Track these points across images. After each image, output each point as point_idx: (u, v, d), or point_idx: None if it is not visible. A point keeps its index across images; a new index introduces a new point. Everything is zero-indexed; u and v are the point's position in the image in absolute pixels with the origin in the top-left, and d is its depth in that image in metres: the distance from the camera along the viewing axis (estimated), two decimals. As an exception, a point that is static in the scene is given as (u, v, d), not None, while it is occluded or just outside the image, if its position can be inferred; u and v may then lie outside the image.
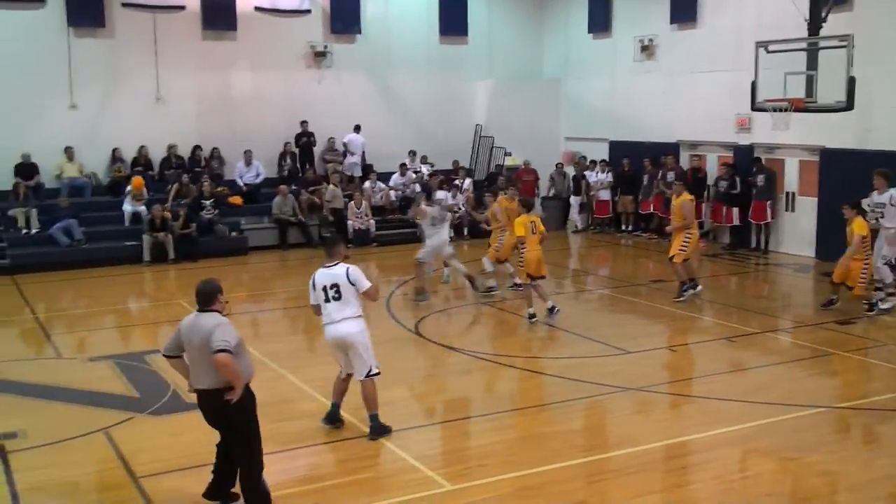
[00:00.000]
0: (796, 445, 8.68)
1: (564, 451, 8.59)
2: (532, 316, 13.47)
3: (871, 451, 8.72)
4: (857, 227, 13.32)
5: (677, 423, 9.56)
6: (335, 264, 8.71)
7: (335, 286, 8.60)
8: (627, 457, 8.45)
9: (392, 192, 22.86)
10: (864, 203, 14.13)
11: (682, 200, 14.87)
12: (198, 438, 8.02)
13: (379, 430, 8.84)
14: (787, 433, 8.99)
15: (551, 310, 13.68)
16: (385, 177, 23.11)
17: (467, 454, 8.72)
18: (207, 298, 7.03)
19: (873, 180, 14.18)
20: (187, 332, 7.02)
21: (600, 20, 24.43)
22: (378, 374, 8.83)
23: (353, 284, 8.60)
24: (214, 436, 7.27)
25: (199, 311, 7.04)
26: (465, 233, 22.10)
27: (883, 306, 13.86)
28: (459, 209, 21.26)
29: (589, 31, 24.90)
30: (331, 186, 21.33)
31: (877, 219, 13.99)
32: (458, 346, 12.46)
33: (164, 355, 7.34)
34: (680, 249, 14.72)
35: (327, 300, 8.63)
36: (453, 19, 25.15)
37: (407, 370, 11.26)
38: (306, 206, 21.54)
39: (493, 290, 15.59)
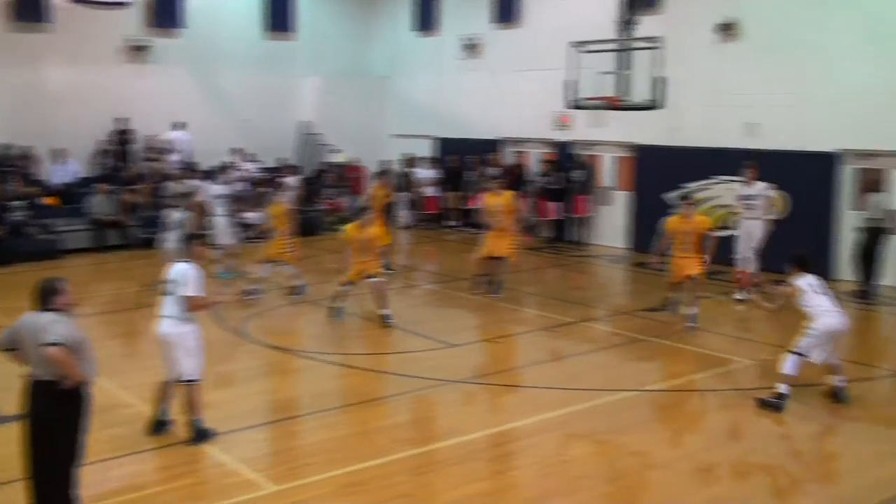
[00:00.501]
0: (610, 428, 9.11)
1: (391, 445, 8.66)
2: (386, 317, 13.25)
3: (678, 430, 9.25)
4: (702, 223, 13.11)
5: (500, 412, 9.82)
6: (184, 261, 8.66)
7: (173, 281, 8.54)
8: (453, 447, 8.62)
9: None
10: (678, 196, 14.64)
11: (506, 198, 15.18)
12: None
13: (201, 435, 8.65)
14: (602, 417, 9.41)
15: (339, 311, 13.62)
16: (210, 175, 22.50)
17: (293, 454, 8.66)
18: (44, 298, 6.77)
19: (746, 173, 14.62)
20: (22, 329, 6.74)
21: (426, 18, 24.64)
22: (194, 381, 8.61)
23: (183, 285, 8.48)
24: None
25: (40, 310, 6.76)
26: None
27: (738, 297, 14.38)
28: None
29: (414, 30, 25.11)
30: (170, 184, 20.61)
31: (746, 209, 14.45)
32: (284, 346, 12.33)
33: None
34: (512, 248, 14.98)
35: (163, 293, 8.57)
36: (279, 15, 24.68)
37: (230, 371, 11.05)
38: (123, 206, 20.68)
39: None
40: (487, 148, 22.58)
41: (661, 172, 18.61)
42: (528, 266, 16.83)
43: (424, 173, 23.64)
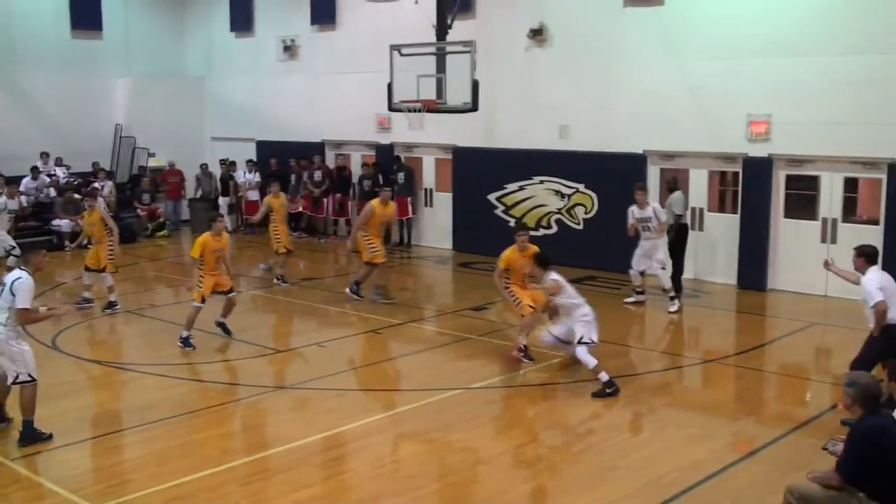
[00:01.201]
0: (438, 427, 9.31)
1: (217, 455, 8.52)
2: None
3: (501, 426, 9.54)
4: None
5: (330, 416, 9.81)
6: (18, 269, 8.63)
7: (2, 287, 8.54)
8: (283, 454, 8.58)
9: (24, 198, 21.13)
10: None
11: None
12: None
13: (30, 437, 8.60)
14: (430, 416, 9.61)
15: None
16: (15, 181, 21.26)
17: (113, 470, 8.34)
18: None
19: (635, 195, 14.49)
20: None
21: (242, 19, 24.30)
22: (28, 381, 8.62)
23: (12, 294, 8.44)
24: None
25: None
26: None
27: (672, 309, 14.36)
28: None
29: (231, 30, 24.68)
30: None
31: (642, 230, 14.56)
32: (102, 359, 11.87)
33: None
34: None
35: None
36: (85, 12, 23.72)
37: (45, 388, 10.38)
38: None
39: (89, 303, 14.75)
40: (310, 150, 22.45)
41: (479, 174, 19.10)
42: (354, 268, 16.86)
43: (246, 177, 23.23)
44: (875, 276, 9.14)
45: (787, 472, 7.80)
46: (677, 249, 15.09)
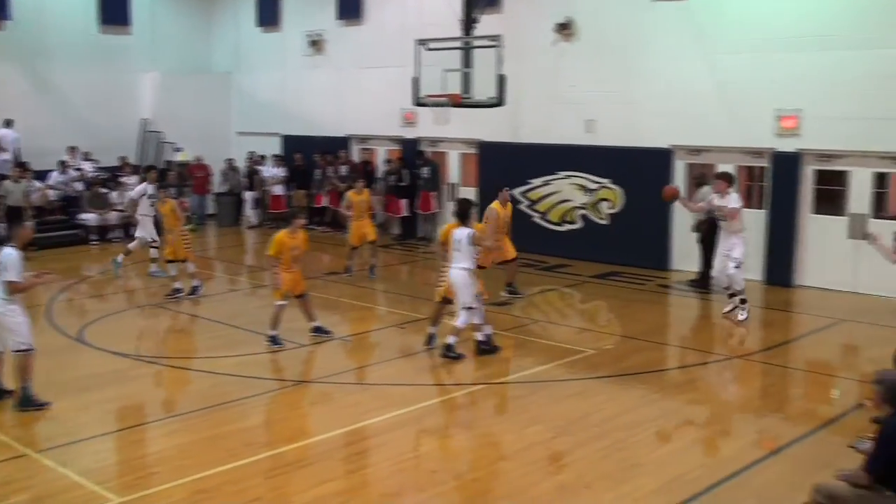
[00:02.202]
0: (460, 422, 9.29)
1: (240, 449, 8.53)
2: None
3: (523, 421, 9.46)
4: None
5: (352, 410, 9.79)
6: (9, 245, 9.32)
7: None
8: (304, 448, 8.59)
9: (51, 192, 21.32)
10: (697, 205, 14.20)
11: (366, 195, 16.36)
12: None
13: (27, 402, 9.32)
14: (452, 411, 9.59)
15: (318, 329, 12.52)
16: (43, 175, 21.48)
17: (138, 463, 8.40)
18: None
19: (716, 184, 13.61)
20: None
21: (269, 14, 24.37)
22: (26, 350, 9.32)
23: (5, 270, 9.13)
24: None
25: None
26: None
27: (741, 318, 13.27)
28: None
29: (258, 25, 24.75)
30: (6, 182, 19.65)
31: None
32: (127, 352, 11.92)
33: None
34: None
35: None
36: (114, 8, 23.88)
37: (72, 380, 10.60)
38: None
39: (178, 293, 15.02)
40: (335, 145, 22.49)
41: (504, 169, 19.02)
42: (378, 263, 16.87)
43: (271, 171, 23.31)
44: None
45: (813, 470, 7.71)
46: (708, 245, 14.96)
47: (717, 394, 10.68)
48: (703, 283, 15.26)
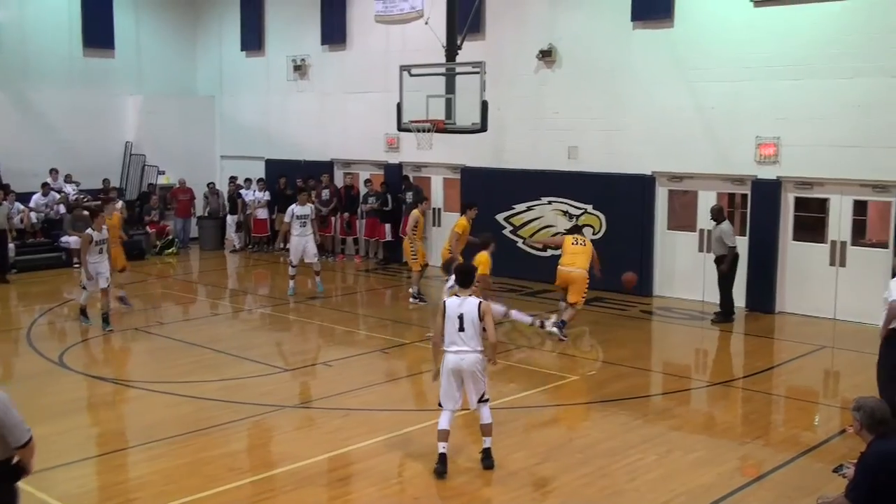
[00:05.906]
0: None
1: (223, 474, 8.48)
2: None
3: (508, 447, 9.45)
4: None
5: (336, 435, 9.77)
6: None
7: None
8: (288, 474, 8.54)
9: (33, 214, 21.21)
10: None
11: None
12: None
13: None
14: (435, 436, 9.52)
15: None
16: (25, 197, 21.37)
17: (119, 489, 8.32)
18: None
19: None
20: None
21: (253, 38, 24.42)
22: None
23: None
24: None
25: None
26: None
27: None
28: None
29: (242, 49, 24.81)
30: None
31: None
32: (108, 376, 11.86)
33: None
34: None
35: None
36: (99, 31, 23.86)
37: (52, 405, 10.51)
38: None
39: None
40: (318, 169, 22.51)
41: (487, 194, 19.09)
42: (361, 287, 16.87)
43: (254, 195, 23.27)
44: None
45: (795, 496, 7.74)
46: (730, 278, 15.07)
47: (699, 420, 10.71)
48: (725, 316, 15.30)
